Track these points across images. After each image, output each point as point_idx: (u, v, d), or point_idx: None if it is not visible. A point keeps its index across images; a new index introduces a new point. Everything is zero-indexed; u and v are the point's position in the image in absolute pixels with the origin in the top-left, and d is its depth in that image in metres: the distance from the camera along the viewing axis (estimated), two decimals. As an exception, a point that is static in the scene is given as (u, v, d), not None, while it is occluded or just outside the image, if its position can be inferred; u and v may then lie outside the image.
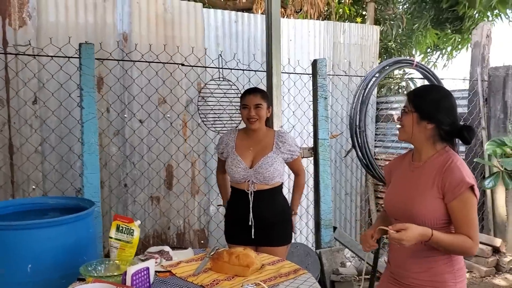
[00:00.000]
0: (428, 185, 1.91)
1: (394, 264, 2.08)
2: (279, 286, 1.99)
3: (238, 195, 2.84)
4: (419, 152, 2.02)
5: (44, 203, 2.88)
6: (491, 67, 5.43)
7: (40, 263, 2.32)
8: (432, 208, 1.89)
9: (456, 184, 1.83)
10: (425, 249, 1.92)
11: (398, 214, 2.01)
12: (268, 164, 2.75)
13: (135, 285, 1.87)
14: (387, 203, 2.12)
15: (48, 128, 3.88)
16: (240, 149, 2.84)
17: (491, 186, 4.53)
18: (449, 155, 1.93)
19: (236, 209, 2.86)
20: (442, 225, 1.90)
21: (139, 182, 4.35)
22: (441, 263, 1.92)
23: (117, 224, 2.25)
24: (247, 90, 2.87)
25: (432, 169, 1.93)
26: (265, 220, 2.79)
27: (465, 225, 1.85)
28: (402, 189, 2.03)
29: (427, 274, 1.94)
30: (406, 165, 2.09)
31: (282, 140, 2.83)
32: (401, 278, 2.03)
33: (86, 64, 3.04)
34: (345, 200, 5.51)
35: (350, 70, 5.44)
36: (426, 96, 1.98)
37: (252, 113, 2.76)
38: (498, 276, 4.82)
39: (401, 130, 2.03)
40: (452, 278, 1.91)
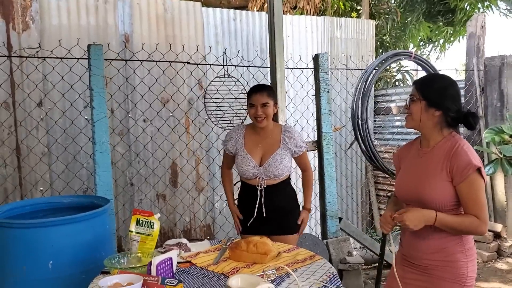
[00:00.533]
0: (437, 170, 1.99)
1: (406, 246, 2.16)
2: (297, 271, 2.06)
3: (249, 190, 2.91)
4: (427, 139, 2.09)
5: (58, 202, 2.92)
6: (487, 57, 5.52)
7: (60, 259, 2.36)
8: (441, 192, 1.96)
9: (464, 167, 1.91)
10: (437, 231, 1.99)
11: (409, 199, 2.09)
12: (278, 162, 2.81)
13: (160, 274, 1.92)
14: (398, 188, 2.20)
15: (54, 130, 3.93)
16: (249, 146, 2.87)
17: (491, 173, 4.61)
18: (456, 139, 2.01)
19: (247, 203, 2.94)
20: (451, 207, 1.98)
21: (145, 181, 4.40)
22: (452, 243, 1.99)
23: (137, 218, 2.30)
24: (253, 88, 2.86)
25: (440, 154, 2.01)
26: (275, 211, 2.88)
27: (473, 206, 1.93)
28: (412, 175, 2.11)
29: (439, 254, 2.01)
30: (414, 152, 2.17)
31: (289, 136, 2.87)
32: (414, 260, 2.10)
33: (96, 64, 3.09)
34: (349, 192, 5.59)
35: (349, 64, 5.52)
36: (433, 84, 2.06)
37: (259, 112, 2.77)
38: (499, 260, 4.92)
39: (409, 118, 2.10)
40: (464, 257, 1.99)
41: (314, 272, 2.04)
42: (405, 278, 2.15)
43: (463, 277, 1.99)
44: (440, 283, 2.02)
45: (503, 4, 9.55)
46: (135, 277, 1.85)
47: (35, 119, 3.90)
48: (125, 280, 1.85)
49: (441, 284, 2.02)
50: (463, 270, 1.99)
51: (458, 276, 1.99)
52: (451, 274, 2.00)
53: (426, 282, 2.07)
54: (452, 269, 2.00)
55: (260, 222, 2.88)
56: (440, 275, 2.02)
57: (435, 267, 2.03)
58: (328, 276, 2.00)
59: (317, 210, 4.98)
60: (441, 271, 2.02)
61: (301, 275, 2.01)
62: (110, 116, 4.16)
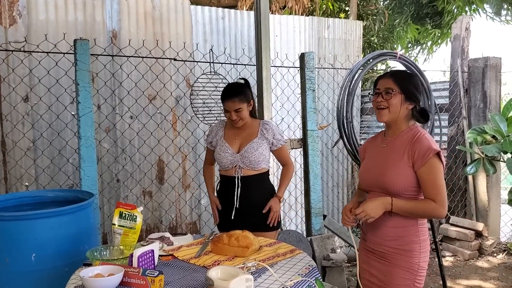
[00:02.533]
0: (399, 156, 2.11)
1: (368, 232, 2.27)
2: (278, 264, 2.09)
3: (227, 182, 2.97)
4: (393, 130, 2.21)
5: (43, 196, 2.93)
6: (471, 59, 5.61)
7: (43, 252, 2.38)
8: (403, 176, 2.08)
9: (424, 152, 2.04)
10: (394, 219, 2.12)
11: (372, 185, 2.20)
12: (254, 149, 2.88)
13: (142, 266, 1.95)
14: (362, 176, 2.32)
15: (39, 125, 3.93)
16: (228, 137, 2.97)
17: (473, 172, 4.69)
18: (418, 129, 2.15)
19: (225, 196, 3.00)
20: (412, 192, 2.10)
21: (131, 177, 4.41)
22: (409, 233, 2.12)
23: (120, 211, 2.32)
24: (225, 92, 2.90)
25: (403, 142, 2.14)
26: (253, 205, 2.92)
27: (432, 189, 2.04)
28: (375, 162, 2.24)
29: (397, 242, 2.14)
30: (379, 142, 2.30)
31: (266, 128, 2.96)
32: (374, 245, 2.24)
33: (81, 59, 3.10)
34: (333, 189, 5.64)
35: (336, 64, 5.57)
36: (410, 78, 2.20)
37: (234, 117, 2.87)
38: (481, 258, 5.01)
39: (385, 111, 2.16)
40: (418, 248, 2.12)
41: (294, 265, 2.08)
42: (366, 265, 2.29)
43: (415, 266, 2.12)
44: (395, 270, 2.15)
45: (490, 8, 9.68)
46: (116, 268, 1.87)
47: (20, 114, 3.89)
48: (107, 271, 1.87)
49: (396, 271, 2.14)
50: (415, 259, 2.12)
51: (411, 265, 2.12)
52: (405, 262, 2.13)
53: (384, 268, 2.19)
54: (406, 257, 2.12)
55: (237, 219, 2.92)
56: (396, 262, 2.15)
57: (391, 254, 2.16)
58: (308, 269, 2.03)
59: (302, 208, 5.04)
60: (396, 259, 2.14)
61: (281, 267, 2.04)
62: (96, 112, 4.16)
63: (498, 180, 5.53)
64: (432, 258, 4.98)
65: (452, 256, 5.12)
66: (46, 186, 3.94)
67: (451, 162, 5.75)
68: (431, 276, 4.51)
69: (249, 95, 2.94)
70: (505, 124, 4.52)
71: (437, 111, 4.45)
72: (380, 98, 2.16)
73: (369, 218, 2.10)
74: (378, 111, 2.18)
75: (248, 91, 2.94)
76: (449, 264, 4.86)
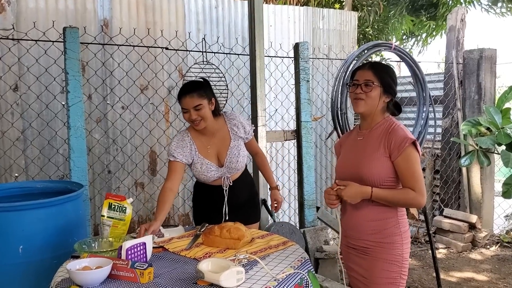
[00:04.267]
0: (375, 147, 2.10)
1: (348, 228, 2.23)
2: (270, 256, 2.06)
3: (211, 190, 2.75)
4: (369, 122, 2.19)
5: (32, 187, 2.89)
6: (466, 50, 5.58)
7: (31, 244, 2.35)
8: (379, 167, 2.07)
9: (400, 141, 2.03)
10: (374, 212, 2.11)
11: (350, 179, 2.15)
12: (236, 155, 2.68)
13: (131, 259, 1.90)
14: (339, 170, 2.28)
15: (29, 115, 3.86)
16: (202, 151, 2.65)
17: (467, 164, 4.68)
18: (392, 120, 2.16)
19: (210, 203, 2.78)
20: (389, 183, 2.09)
21: (123, 168, 4.36)
22: (390, 225, 2.10)
23: (109, 202, 2.29)
24: (182, 89, 2.57)
25: (379, 133, 2.13)
26: (238, 203, 2.78)
27: (409, 178, 2.03)
28: (351, 155, 2.22)
29: (378, 235, 2.12)
30: (354, 136, 2.28)
31: (235, 124, 2.70)
32: (355, 241, 2.20)
33: (71, 47, 3.04)
34: (327, 181, 5.62)
35: (330, 54, 5.52)
36: (388, 71, 2.18)
37: (193, 116, 2.52)
38: (474, 251, 5.01)
39: (362, 103, 2.13)
40: (400, 240, 2.11)
41: (286, 257, 2.05)
42: (350, 262, 2.26)
43: (399, 258, 2.11)
44: (379, 264, 2.12)
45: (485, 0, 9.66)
46: (104, 261, 1.84)
47: (9, 103, 3.82)
48: (95, 264, 1.83)
49: (380, 264, 2.12)
50: (398, 251, 2.11)
51: (395, 257, 2.11)
52: (388, 255, 2.11)
53: (366, 263, 2.16)
54: (389, 250, 2.11)
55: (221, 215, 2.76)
56: (378, 256, 2.12)
57: (373, 248, 2.13)
58: (300, 261, 2.01)
59: (295, 199, 5.01)
60: (379, 252, 2.12)
61: (273, 260, 2.02)
62: (86, 101, 4.09)
63: (492, 172, 5.53)
64: (425, 250, 4.99)
65: (445, 248, 5.12)
66: (36, 177, 3.88)
67: (445, 154, 5.74)
68: (424, 268, 4.51)
69: (209, 93, 2.61)
70: (499, 116, 4.50)
71: (431, 102, 4.42)
72: (359, 90, 2.12)
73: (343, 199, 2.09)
74: (355, 101, 2.16)
75: (208, 89, 2.62)
76: (442, 256, 4.86)
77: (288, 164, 5.18)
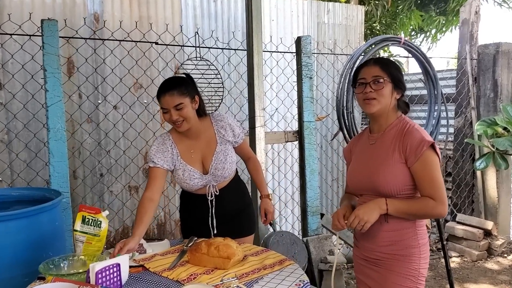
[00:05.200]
0: (389, 152, 1.91)
1: (362, 238, 2.05)
2: (264, 279, 1.81)
3: (197, 199, 2.48)
4: (380, 123, 1.99)
5: (7, 195, 2.66)
6: (480, 45, 5.28)
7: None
8: (395, 175, 1.87)
9: (417, 145, 1.84)
10: (391, 222, 1.91)
11: (363, 188, 2.00)
12: (222, 161, 2.40)
13: (102, 283, 1.65)
14: (350, 180, 2.10)
15: (12, 115, 3.61)
16: (185, 156, 2.39)
17: (483, 167, 4.39)
18: (406, 121, 1.96)
19: (196, 212, 2.51)
20: (407, 191, 1.89)
21: (114, 171, 4.12)
22: (407, 236, 1.92)
23: (82, 215, 2.04)
24: (160, 87, 2.30)
25: (391, 136, 1.94)
26: (227, 214, 2.50)
27: (428, 185, 1.84)
28: (363, 163, 2.01)
29: (394, 247, 1.93)
30: (364, 140, 2.08)
31: (223, 126, 2.43)
32: (368, 252, 2.02)
33: (49, 42, 2.78)
34: (332, 186, 5.34)
35: (336, 49, 5.25)
36: (396, 67, 1.98)
37: (174, 116, 2.26)
38: (490, 259, 4.71)
39: (374, 102, 1.92)
40: (417, 252, 1.92)
41: (282, 281, 1.79)
42: (361, 274, 2.08)
43: (415, 273, 1.91)
44: (392, 277, 1.94)
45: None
46: (68, 286, 1.58)
47: None
48: (58, 290, 1.57)
49: (393, 278, 1.93)
50: (415, 265, 1.92)
51: (410, 271, 1.91)
52: (404, 269, 1.92)
53: (378, 276, 1.98)
54: (405, 263, 1.92)
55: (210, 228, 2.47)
56: (393, 269, 1.94)
57: (387, 261, 1.95)
58: (298, 285, 1.75)
59: (297, 206, 4.74)
60: (393, 265, 1.94)
61: (267, 283, 1.76)
62: (77, 100, 3.84)
63: (509, 175, 5.26)
64: (437, 259, 4.70)
65: (458, 257, 4.81)
66: (20, 181, 3.62)
67: (458, 155, 5.45)
68: (436, 279, 4.21)
69: (192, 90, 2.34)
70: (518, 115, 4.21)
71: (443, 101, 4.15)
72: (369, 88, 1.91)
73: (364, 224, 1.86)
74: (365, 102, 1.93)
75: (190, 86, 2.36)
76: (455, 266, 4.56)
77: (290, 167, 4.91)
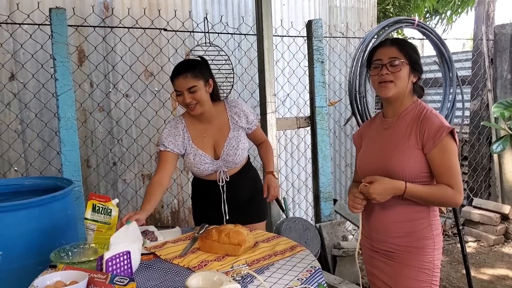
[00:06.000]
0: (404, 138, 1.84)
1: (373, 229, 1.97)
2: (274, 265, 1.79)
3: (207, 185, 2.48)
4: (395, 108, 1.90)
5: (20, 184, 2.68)
6: (497, 25, 5.16)
7: (12, 249, 2.14)
8: (411, 161, 1.80)
9: (436, 130, 1.76)
10: (407, 212, 1.85)
11: (376, 175, 1.87)
12: (234, 147, 2.38)
13: (113, 271, 1.65)
14: (361, 166, 2.01)
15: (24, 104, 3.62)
16: (197, 140, 2.39)
17: (499, 150, 4.30)
18: (422, 105, 1.88)
19: (207, 199, 2.52)
20: (423, 178, 1.82)
21: (127, 159, 4.12)
22: (421, 228, 1.85)
23: (93, 203, 2.04)
24: (174, 70, 2.32)
25: (407, 121, 1.86)
26: (239, 200, 2.49)
27: (446, 173, 1.77)
28: (377, 148, 1.95)
29: (407, 238, 1.86)
30: (377, 125, 2.00)
31: (236, 112, 2.42)
32: (379, 244, 1.94)
33: (58, 31, 2.77)
34: (346, 171, 5.29)
35: (348, 33, 5.17)
36: (413, 48, 1.88)
37: (187, 99, 2.26)
38: (507, 244, 4.64)
39: (391, 85, 1.83)
40: (431, 244, 1.85)
41: (293, 267, 1.78)
42: (372, 267, 2.00)
43: (430, 266, 1.85)
44: (406, 271, 1.87)
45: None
46: (79, 274, 1.58)
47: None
48: (69, 278, 1.58)
49: (407, 272, 1.86)
50: (429, 257, 1.85)
51: (425, 264, 1.84)
52: (418, 261, 1.85)
53: (391, 270, 1.90)
54: (418, 256, 1.84)
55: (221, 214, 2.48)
56: (406, 262, 1.87)
57: (400, 253, 1.88)
58: (309, 271, 1.73)
59: (310, 192, 4.71)
60: (406, 258, 1.86)
61: (278, 270, 1.75)
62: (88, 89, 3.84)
63: (527, 158, 5.13)
64: (453, 244, 4.65)
65: (475, 242, 4.75)
66: (35, 171, 3.65)
67: (474, 139, 5.36)
68: (452, 264, 4.17)
69: (206, 73, 2.34)
70: (536, 97, 4.11)
71: (458, 83, 4.05)
72: (385, 70, 1.81)
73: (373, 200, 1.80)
74: (381, 85, 1.84)
75: (204, 69, 2.35)
76: (472, 251, 4.50)
77: (303, 153, 4.87)
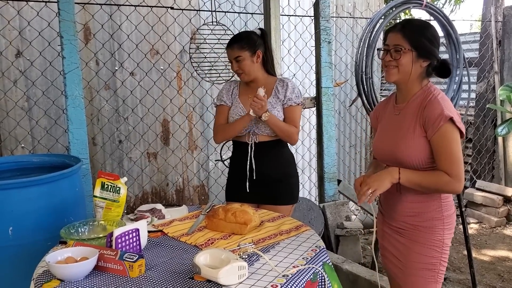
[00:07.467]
0: (411, 125, 1.87)
1: (386, 206, 2.05)
2: (280, 244, 1.82)
3: (240, 148, 2.61)
4: (404, 93, 1.93)
5: (28, 161, 2.71)
6: (506, 6, 5.09)
7: (22, 225, 2.18)
8: (417, 148, 1.84)
9: (435, 118, 1.78)
10: (418, 193, 1.89)
11: (387, 160, 1.98)
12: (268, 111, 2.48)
13: (122, 248, 1.69)
14: (376, 150, 2.07)
15: (31, 82, 3.64)
16: (242, 97, 2.60)
17: (504, 133, 4.30)
18: (430, 90, 1.88)
19: (237, 165, 2.63)
20: (430, 165, 1.85)
21: (133, 138, 4.15)
22: (431, 209, 1.89)
23: (101, 181, 2.07)
24: (229, 40, 2.58)
25: (414, 108, 1.88)
26: (268, 176, 2.57)
27: (445, 160, 1.79)
28: (388, 134, 1.98)
29: (417, 218, 1.92)
30: (390, 109, 2.03)
31: (282, 85, 2.56)
32: (392, 220, 2.02)
33: (65, 8, 2.76)
34: (350, 152, 5.31)
35: (355, 13, 5.12)
36: (424, 32, 1.86)
37: (235, 67, 2.55)
38: (509, 226, 4.68)
39: (394, 71, 1.87)
40: (440, 224, 1.89)
41: (298, 246, 1.80)
42: (384, 241, 2.08)
43: (439, 243, 1.89)
44: (416, 248, 1.93)
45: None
46: (90, 251, 1.62)
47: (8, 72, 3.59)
48: (79, 254, 1.62)
49: (417, 248, 1.93)
50: (438, 236, 1.89)
51: (434, 242, 1.89)
52: (427, 240, 1.90)
53: (402, 246, 1.98)
54: (427, 234, 1.90)
55: (251, 190, 2.58)
56: (416, 240, 1.93)
57: (410, 231, 1.94)
58: (314, 250, 1.76)
59: (314, 172, 4.74)
60: (416, 236, 1.93)
61: (283, 249, 1.78)
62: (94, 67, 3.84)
63: (531, 141, 5.13)
64: (455, 225, 4.68)
65: (477, 223, 4.79)
66: (42, 149, 3.69)
67: (479, 121, 5.35)
68: (454, 245, 4.21)
69: (255, 44, 2.52)
70: (543, 80, 4.09)
71: (465, 65, 4.02)
72: (389, 57, 1.86)
73: (373, 191, 1.83)
74: (386, 69, 1.89)
75: (255, 40, 2.54)
76: (474, 232, 4.54)
77: (308, 134, 4.88)
